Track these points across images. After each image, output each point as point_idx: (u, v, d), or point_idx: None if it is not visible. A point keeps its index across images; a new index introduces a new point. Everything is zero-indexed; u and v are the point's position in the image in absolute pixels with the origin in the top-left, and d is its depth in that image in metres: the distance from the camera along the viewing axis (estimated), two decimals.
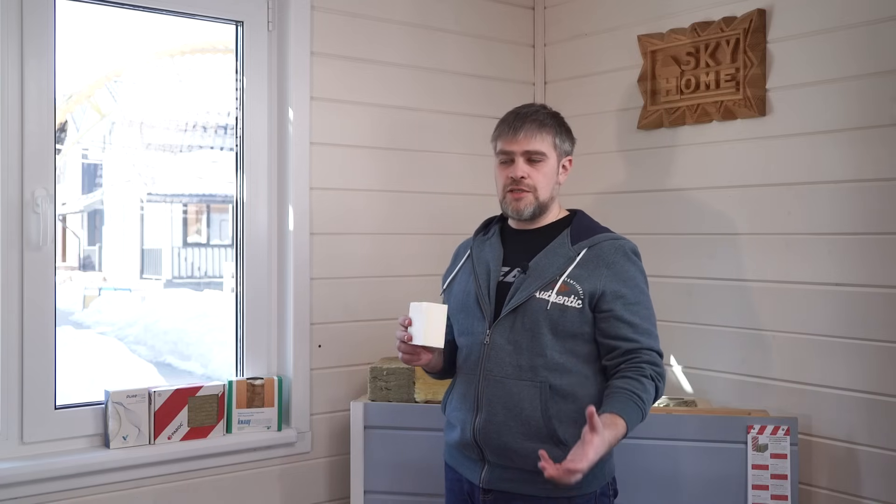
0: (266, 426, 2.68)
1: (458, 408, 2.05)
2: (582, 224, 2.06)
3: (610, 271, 1.96)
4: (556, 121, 2.07)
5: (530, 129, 2.02)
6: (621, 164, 2.99)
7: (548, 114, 2.07)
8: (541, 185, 2.03)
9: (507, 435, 1.94)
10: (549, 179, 2.04)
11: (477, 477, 2.01)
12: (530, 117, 2.03)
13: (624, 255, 1.99)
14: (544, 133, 2.03)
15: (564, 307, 1.93)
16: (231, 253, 2.82)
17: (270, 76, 2.76)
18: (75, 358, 5.48)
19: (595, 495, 1.98)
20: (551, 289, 1.95)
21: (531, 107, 2.09)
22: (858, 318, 2.35)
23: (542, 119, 2.04)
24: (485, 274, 2.06)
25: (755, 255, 2.59)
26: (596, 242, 2.00)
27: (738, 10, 2.61)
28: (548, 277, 1.96)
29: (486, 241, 2.14)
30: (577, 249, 1.99)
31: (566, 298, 1.94)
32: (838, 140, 2.39)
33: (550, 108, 2.10)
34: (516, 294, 1.98)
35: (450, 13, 3.07)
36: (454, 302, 2.11)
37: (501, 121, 2.09)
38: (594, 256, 1.98)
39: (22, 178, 2.33)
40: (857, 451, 2.36)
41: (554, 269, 1.97)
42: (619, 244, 2.01)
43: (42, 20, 2.35)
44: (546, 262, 1.99)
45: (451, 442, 2.10)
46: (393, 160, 2.94)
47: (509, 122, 2.05)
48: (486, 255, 2.10)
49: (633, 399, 1.85)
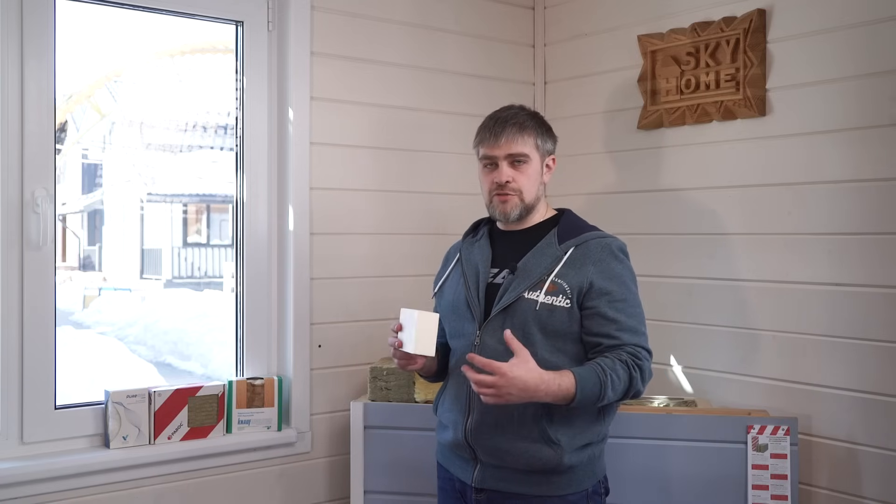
0: (266, 426, 2.68)
1: (451, 409, 2.06)
2: (569, 223, 2.07)
3: (596, 268, 1.96)
4: (536, 121, 2.07)
5: (511, 133, 2.02)
6: (621, 164, 2.99)
7: (528, 115, 2.07)
8: (526, 188, 2.03)
9: (499, 435, 1.95)
10: (534, 181, 2.05)
11: (469, 476, 2.02)
12: (510, 121, 2.03)
13: (611, 253, 2.00)
14: (525, 135, 2.03)
15: (553, 307, 1.94)
16: (231, 253, 2.82)
17: (270, 76, 2.76)
18: (75, 358, 5.48)
19: (587, 493, 1.99)
20: (540, 289, 1.95)
21: (510, 109, 2.08)
22: (858, 318, 2.35)
23: (523, 121, 2.04)
24: (474, 276, 2.07)
25: (755, 256, 2.59)
26: (583, 241, 2.01)
27: (738, 10, 2.61)
28: (535, 277, 1.97)
29: (474, 243, 2.15)
30: (564, 248, 1.99)
31: (555, 298, 1.94)
32: (838, 140, 2.39)
33: (529, 109, 2.10)
34: (505, 295, 1.98)
35: (450, 13, 3.07)
36: (445, 304, 2.12)
37: (482, 126, 2.09)
38: (581, 255, 1.98)
39: (22, 178, 2.33)
40: (857, 451, 2.36)
41: (542, 269, 1.98)
42: (606, 242, 2.01)
43: (42, 20, 2.35)
44: (534, 262, 2.00)
45: (443, 442, 2.11)
46: (393, 160, 2.94)
47: (490, 127, 2.05)
48: (475, 256, 2.10)
49: (595, 368, 1.85)
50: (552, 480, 1.94)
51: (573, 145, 3.09)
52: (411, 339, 1.93)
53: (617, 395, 1.88)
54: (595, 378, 1.84)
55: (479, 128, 2.09)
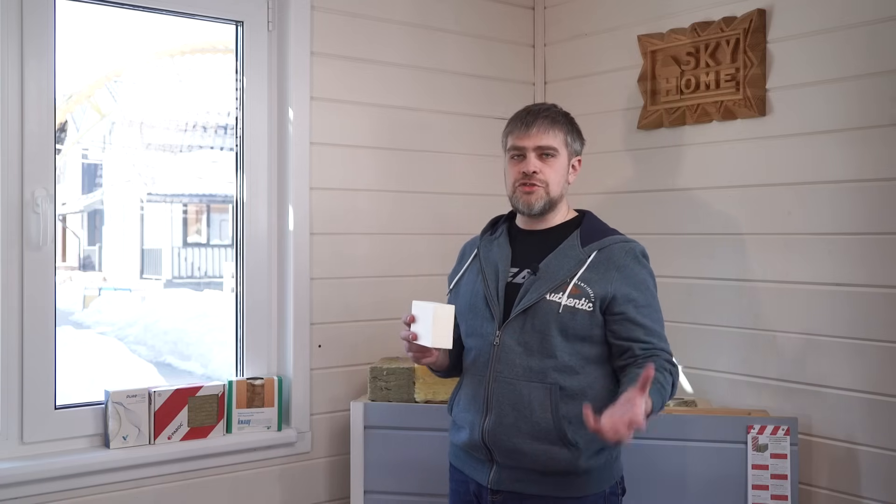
0: (266, 426, 2.68)
1: (467, 409, 2.04)
2: (592, 226, 2.06)
3: (620, 274, 1.96)
4: (567, 119, 2.08)
5: (542, 125, 2.02)
6: (621, 165, 2.99)
7: (559, 112, 2.08)
8: (552, 181, 2.02)
9: (517, 436, 1.93)
10: (560, 176, 2.04)
11: (485, 478, 2.01)
12: (542, 114, 2.04)
13: (634, 258, 1.99)
14: (556, 129, 2.03)
15: (575, 310, 1.93)
16: (231, 253, 2.82)
17: (270, 76, 2.76)
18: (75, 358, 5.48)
19: (604, 494, 1.98)
20: (562, 291, 1.94)
21: (543, 104, 2.10)
22: (858, 317, 2.35)
23: (555, 116, 2.05)
24: (493, 274, 2.05)
25: (755, 255, 2.59)
26: (606, 245, 2.00)
27: (738, 10, 2.61)
28: (558, 279, 1.96)
29: (493, 240, 2.13)
30: (587, 252, 1.98)
31: (577, 301, 1.93)
32: (838, 140, 2.39)
33: (561, 108, 2.11)
34: (526, 295, 1.97)
35: (450, 13, 3.07)
36: (461, 302, 2.10)
37: (513, 117, 2.09)
38: (605, 259, 1.97)
39: (22, 178, 2.33)
40: (857, 451, 2.36)
41: (565, 272, 1.96)
42: (629, 247, 2.01)
43: (42, 20, 2.34)
44: (556, 263, 1.98)
45: (457, 443, 2.09)
46: (393, 160, 2.94)
47: (521, 117, 2.06)
48: (494, 255, 2.09)
49: (655, 385, 1.83)
50: (570, 482, 1.94)
51: None
52: (428, 333, 1.91)
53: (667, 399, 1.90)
54: (658, 395, 1.83)
55: (510, 119, 2.09)
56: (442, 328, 1.91)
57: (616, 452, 2.02)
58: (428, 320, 1.91)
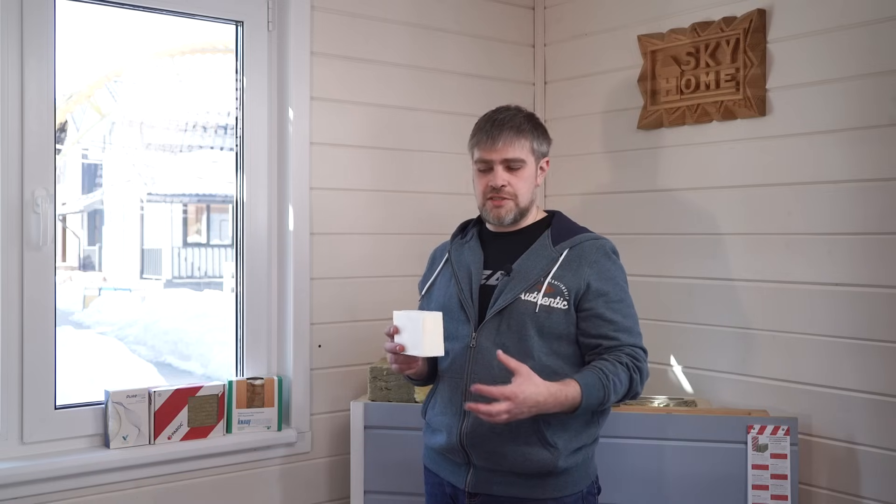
0: (266, 426, 2.68)
1: (444, 412, 2.03)
2: (562, 225, 2.07)
3: (592, 270, 1.97)
4: (532, 124, 2.06)
5: (508, 137, 2.00)
6: (621, 165, 2.98)
7: (524, 118, 2.05)
8: (521, 192, 2.03)
9: (496, 439, 1.93)
10: (529, 184, 2.04)
11: (462, 481, 2.00)
12: (507, 124, 2.01)
13: (605, 254, 2.01)
14: (522, 139, 2.02)
15: (551, 308, 1.94)
16: (231, 253, 2.82)
17: (270, 76, 2.76)
18: (75, 358, 5.49)
19: (582, 495, 1.99)
20: (537, 290, 1.95)
21: (507, 111, 2.06)
22: (858, 318, 2.35)
23: (520, 124, 2.02)
24: (466, 277, 2.05)
25: (755, 256, 2.59)
26: (577, 242, 2.01)
27: (738, 10, 2.61)
28: (532, 279, 1.97)
29: (464, 244, 2.13)
30: (559, 250, 1.99)
31: (552, 300, 1.94)
32: (838, 140, 2.39)
33: (525, 110, 2.08)
34: (501, 296, 1.97)
35: (450, 13, 3.07)
36: (434, 307, 2.09)
37: (477, 127, 2.07)
38: (576, 256, 1.99)
39: (22, 178, 2.33)
40: (857, 451, 2.36)
41: (538, 271, 1.97)
42: (599, 244, 2.02)
43: (42, 20, 2.35)
44: (529, 263, 1.99)
45: (433, 446, 2.08)
46: (393, 160, 2.94)
47: (486, 129, 2.03)
48: (466, 258, 2.09)
49: (598, 374, 1.84)
50: (548, 483, 1.94)
51: (573, 145, 3.09)
52: (418, 342, 1.89)
53: (618, 397, 1.89)
54: (599, 384, 1.83)
55: (475, 129, 2.07)
56: (433, 336, 1.90)
57: (591, 452, 2.02)
58: (417, 330, 1.89)
